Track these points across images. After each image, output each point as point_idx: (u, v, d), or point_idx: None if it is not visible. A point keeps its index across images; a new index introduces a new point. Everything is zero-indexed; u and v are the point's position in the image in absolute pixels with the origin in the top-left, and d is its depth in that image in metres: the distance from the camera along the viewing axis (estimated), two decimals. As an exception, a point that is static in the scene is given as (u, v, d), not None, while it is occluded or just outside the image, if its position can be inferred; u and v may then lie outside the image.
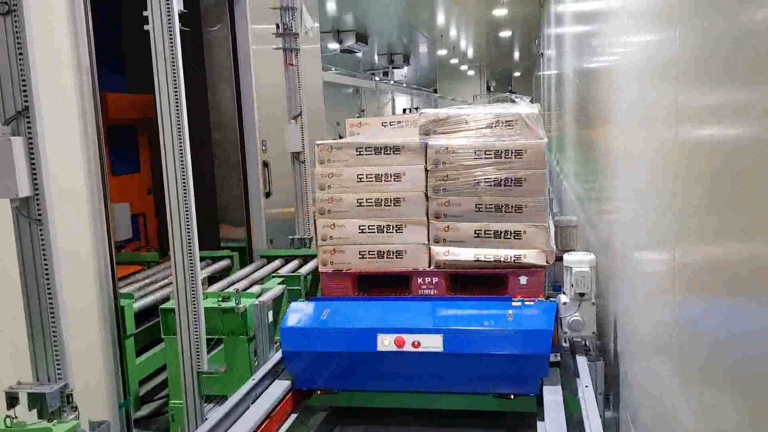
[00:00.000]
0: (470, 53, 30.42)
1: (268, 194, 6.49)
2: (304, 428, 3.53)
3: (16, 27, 2.68)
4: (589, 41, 4.86)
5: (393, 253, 3.68)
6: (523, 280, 3.57)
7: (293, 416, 3.44)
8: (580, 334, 3.42)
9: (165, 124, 3.81)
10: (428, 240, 3.67)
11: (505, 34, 23.52)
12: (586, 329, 3.41)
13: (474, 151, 3.59)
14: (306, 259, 6.11)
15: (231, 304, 4.32)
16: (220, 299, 4.40)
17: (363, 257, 3.70)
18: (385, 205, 3.68)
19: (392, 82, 27.67)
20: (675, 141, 1.97)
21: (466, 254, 3.61)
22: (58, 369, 2.86)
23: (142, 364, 5.05)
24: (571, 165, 6.78)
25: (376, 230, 3.70)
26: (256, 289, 4.89)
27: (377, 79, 22.44)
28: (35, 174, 2.74)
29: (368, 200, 3.70)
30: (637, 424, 2.73)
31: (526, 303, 3.41)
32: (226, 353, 4.41)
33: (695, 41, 1.78)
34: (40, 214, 2.77)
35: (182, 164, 3.83)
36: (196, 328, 3.90)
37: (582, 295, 3.39)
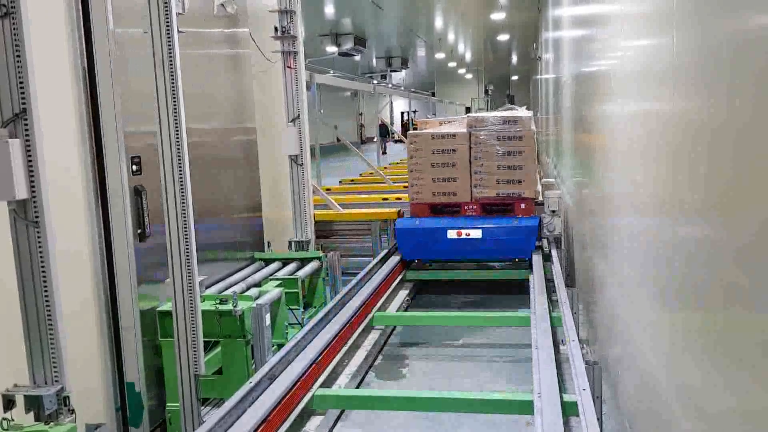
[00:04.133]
0: (468, 57, 30.44)
1: (142, 236, 4.33)
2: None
3: (14, 29, 2.68)
4: (587, 45, 4.86)
5: (451, 193, 6.93)
6: (523, 205, 6.78)
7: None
8: (553, 234, 6.60)
9: (163, 127, 3.81)
10: (470, 186, 6.84)
11: (503, 38, 23.56)
12: (556, 231, 6.56)
13: (496, 137, 6.74)
14: (304, 261, 6.10)
15: (228, 306, 4.30)
16: (217, 302, 4.39)
17: (434, 195, 6.97)
18: (446, 167, 6.90)
19: (390, 86, 27.67)
20: (670, 141, 1.98)
21: (490, 192, 6.80)
22: (55, 371, 2.85)
23: (139, 366, 5.01)
24: (569, 171, 6.81)
25: (441, 180, 6.94)
26: (253, 292, 4.88)
27: (375, 82, 22.44)
28: (32, 176, 2.73)
29: (436, 163, 6.93)
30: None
31: (524, 217, 6.71)
32: (223, 356, 4.40)
33: (692, 46, 1.79)
34: (37, 217, 2.76)
35: (180, 166, 3.83)
36: (193, 331, 3.89)
37: (554, 212, 6.54)
